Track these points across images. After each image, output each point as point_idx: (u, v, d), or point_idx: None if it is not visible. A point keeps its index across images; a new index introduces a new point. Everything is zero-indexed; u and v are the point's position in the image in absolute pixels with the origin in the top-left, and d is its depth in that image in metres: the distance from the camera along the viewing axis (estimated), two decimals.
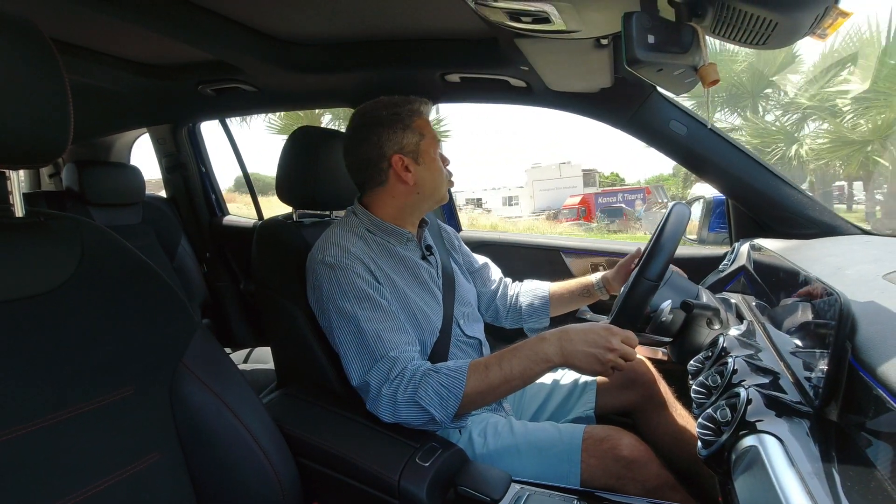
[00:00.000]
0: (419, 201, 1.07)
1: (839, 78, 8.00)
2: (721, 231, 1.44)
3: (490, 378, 0.84)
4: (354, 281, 0.93)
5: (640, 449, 0.90)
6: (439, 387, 0.84)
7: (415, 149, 1.04)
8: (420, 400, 0.83)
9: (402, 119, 1.04)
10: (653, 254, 0.89)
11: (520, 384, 0.86)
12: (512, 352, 0.87)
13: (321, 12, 1.16)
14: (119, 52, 1.46)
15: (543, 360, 0.84)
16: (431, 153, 1.06)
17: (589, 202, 21.26)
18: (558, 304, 1.31)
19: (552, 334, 0.86)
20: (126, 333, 0.65)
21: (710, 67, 0.66)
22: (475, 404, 0.87)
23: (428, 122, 1.08)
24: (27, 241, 0.61)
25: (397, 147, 1.03)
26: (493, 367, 0.85)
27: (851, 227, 1.21)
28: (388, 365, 0.87)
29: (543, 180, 30.24)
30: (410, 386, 0.84)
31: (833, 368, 0.52)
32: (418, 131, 1.04)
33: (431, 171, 1.06)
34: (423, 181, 1.05)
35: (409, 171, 1.04)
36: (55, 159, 0.61)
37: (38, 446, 0.55)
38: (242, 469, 0.72)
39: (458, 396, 0.83)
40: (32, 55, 0.56)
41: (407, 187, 1.05)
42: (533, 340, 0.86)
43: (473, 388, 0.84)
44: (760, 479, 0.48)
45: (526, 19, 0.87)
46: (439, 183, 1.08)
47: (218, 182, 2.33)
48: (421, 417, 0.84)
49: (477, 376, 0.85)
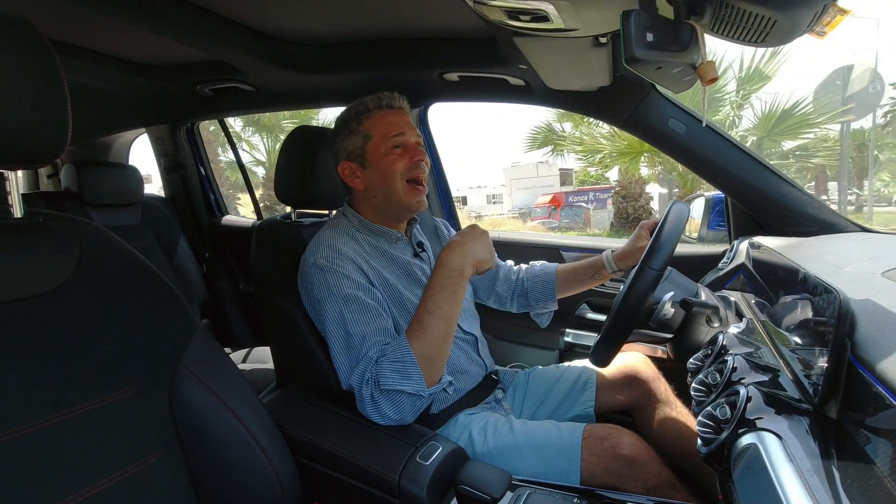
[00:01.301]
0: (382, 205, 1.05)
1: None
2: (720, 229, 1.44)
3: (428, 326, 0.86)
4: (344, 283, 0.93)
5: (640, 448, 0.90)
6: (391, 363, 0.85)
7: (360, 153, 1.02)
8: (385, 386, 0.84)
9: (349, 123, 1.03)
10: (652, 251, 0.89)
11: (454, 311, 0.89)
12: (427, 293, 0.90)
13: (320, 12, 1.16)
14: (117, 53, 1.46)
15: (458, 274, 0.89)
16: (380, 154, 1.01)
17: (560, 201, 21.53)
18: (564, 284, 1.29)
19: (447, 253, 0.91)
20: (125, 334, 0.65)
21: (709, 65, 0.66)
22: (436, 357, 0.88)
23: (384, 120, 1.02)
24: (26, 242, 0.61)
25: (344, 154, 1.03)
26: (424, 316, 0.87)
27: (850, 225, 1.21)
28: (365, 365, 0.87)
29: (521, 179, 30.67)
30: (376, 377, 0.85)
31: (832, 366, 0.52)
32: (364, 133, 1.02)
33: (382, 175, 1.01)
34: (372, 186, 1.03)
35: (358, 175, 1.03)
36: (54, 160, 0.61)
37: (37, 447, 0.55)
38: (242, 469, 0.72)
39: (413, 361, 0.84)
40: (30, 56, 0.56)
41: (361, 193, 1.04)
42: (437, 272, 0.90)
43: (420, 344, 0.85)
44: (760, 476, 0.48)
45: (524, 18, 0.87)
46: (391, 186, 1.01)
47: (217, 182, 2.33)
48: (400, 403, 0.85)
49: (415, 333, 0.86)
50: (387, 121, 1.02)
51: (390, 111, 1.04)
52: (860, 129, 21.81)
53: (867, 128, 22.96)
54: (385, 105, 1.04)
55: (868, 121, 13.93)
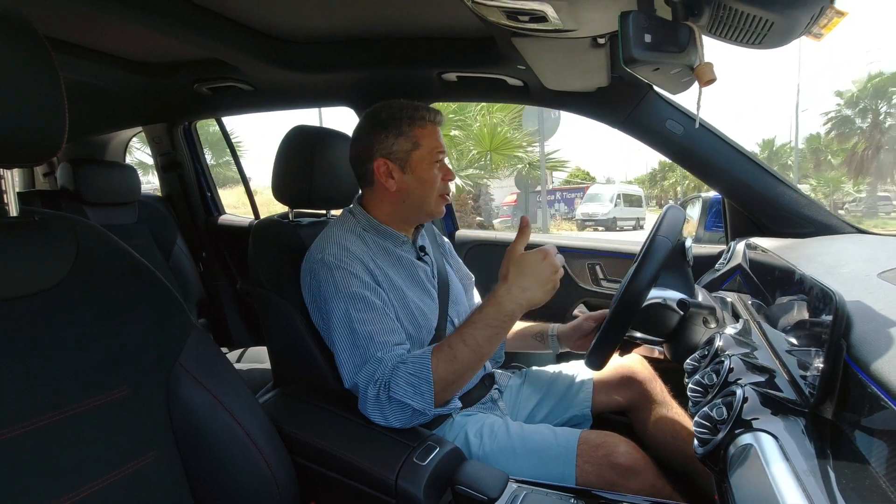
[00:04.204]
0: (406, 210, 1.05)
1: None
2: (717, 230, 1.45)
3: (459, 355, 0.85)
4: (351, 281, 0.93)
5: (636, 457, 0.90)
6: (408, 376, 0.84)
7: (404, 157, 1.02)
8: (395, 394, 0.83)
9: (399, 124, 1.02)
10: (642, 263, 0.88)
11: (490, 350, 0.87)
12: (471, 324, 0.87)
13: (318, 11, 1.16)
14: (114, 50, 1.45)
15: (509, 318, 0.86)
16: (425, 165, 1.02)
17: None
18: (513, 340, 1.28)
19: (504, 293, 0.86)
20: (122, 333, 0.65)
21: (707, 66, 0.66)
22: (453, 384, 0.86)
23: (433, 134, 1.04)
24: (22, 241, 0.60)
25: (385, 151, 1.02)
26: (458, 345, 0.85)
27: (846, 226, 1.22)
28: (374, 366, 0.87)
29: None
30: (388, 382, 0.85)
31: (828, 366, 0.53)
32: (414, 140, 1.02)
33: (420, 183, 1.02)
34: (407, 191, 1.03)
35: (393, 177, 1.02)
36: (50, 158, 0.61)
37: (33, 447, 0.54)
38: (239, 469, 0.72)
39: (429, 381, 0.83)
40: (26, 53, 0.55)
41: (391, 193, 1.03)
42: (489, 307, 0.86)
43: (444, 369, 0.84)
44: (756, 476, 0.48)
45: (523, 18, 0.87)
46: (427, 197, 1.04)
47: (214, 181, 2.33)
48: (404, 412, 0.85)
49: (443, 357, 0.85)
50: (436, 136, 1.04)
51: (437, 127, 1.06)
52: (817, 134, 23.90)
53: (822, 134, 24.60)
54: (438, 121, 1.06)
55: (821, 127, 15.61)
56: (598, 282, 1.66)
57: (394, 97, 1.06)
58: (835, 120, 24.33)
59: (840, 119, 24.01)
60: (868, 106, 23.19)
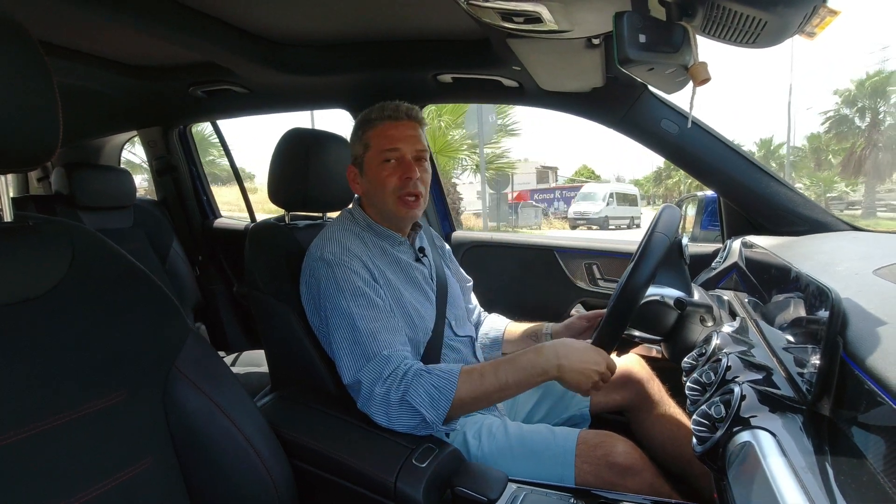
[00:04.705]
0: (378, 214, 1.07)
1: None
2: (713, 229, 1.45)
3: (485, 385, 0.85)
4: (352, 279, 0.93)
5: (634, 456, 0.90)
6: (430, 387, 0.84)
7: (360, 160, 1.05)
8: (411, 399, 0.83)
9: (356, 130, 1.06)
10: (640, 260, 0.89)
11: (514, 392, 0.88)
12: (509, 361, 0.88)
13: (313, 13, 1.16)
14: (109, 54, 1.45)
15: (540, 372, 0.86)
16: (374, 166, 1.02)
17: (524, 199, 22.18)
18: (509, 341, 1.28)
19: (550, 348, 0.87)
20: (118, 337, 0.65)
21: (701, 66, 0.66)
22: (467, 408, 0.87)
23: (383, 133, 1.01)
24: (16, 246, 0.60)
25: (352, 156, 1.07)
26: (489, 375, 0.86)
27: (841, 224, 1.23)
28: (381, 364, 0.87)
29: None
30: (402, 385, 0.84)
31: (825, 363, 0.53)
32: (365, 142, 1.03)
33: (373, 185, 1.03)
34: (367, 193, 1.06)
35: (357, 182, 1.07)
36: (44, 162, 0.60)
37: (30, 452, 0.54)
38: (237, 473, 0.72)
39: (449, 398, 0.83)
40: (19, 57, 0.55)
41: (364, 198, 1.08)
42: (531, 353, 0.88)
43: (466, 392, 0.84)
44: (755, 474, 0.48)
45: (518, 19, 0.87)
46: (383, 198, 1.02)
47: (209, 184, 2.32)
48: (412, 419, 0.84)
49: (470, 381, 0.85)
50: (385, 133, 1.01)
51: (392, 123, 1.02)
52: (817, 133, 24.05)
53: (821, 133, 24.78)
54: (387, 116, 1.02)
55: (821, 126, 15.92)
56: (595, 282, 1.67)
57: (389, 99, 1.06)
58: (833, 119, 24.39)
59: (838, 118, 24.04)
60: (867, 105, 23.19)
